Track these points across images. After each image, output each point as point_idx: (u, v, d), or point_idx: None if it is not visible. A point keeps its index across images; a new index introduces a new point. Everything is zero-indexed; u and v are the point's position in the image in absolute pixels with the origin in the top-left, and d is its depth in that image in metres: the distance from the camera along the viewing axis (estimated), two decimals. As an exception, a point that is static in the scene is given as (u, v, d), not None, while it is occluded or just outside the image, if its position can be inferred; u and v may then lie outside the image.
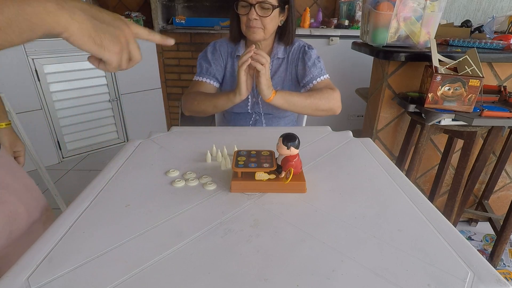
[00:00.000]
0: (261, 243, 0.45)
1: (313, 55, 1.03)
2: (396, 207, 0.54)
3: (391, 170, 0.66)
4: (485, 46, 1.30)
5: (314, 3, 2.74)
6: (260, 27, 0.95)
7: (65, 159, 2.34)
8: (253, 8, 0.92)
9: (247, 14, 0.93)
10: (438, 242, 0.45)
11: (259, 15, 0.93)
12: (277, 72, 1.07)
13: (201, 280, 0.39)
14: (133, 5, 2.77)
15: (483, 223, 1.70)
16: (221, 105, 0.95)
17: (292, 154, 0.56)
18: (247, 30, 0.97)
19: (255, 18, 0.93)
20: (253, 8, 0.92)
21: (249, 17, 0.93)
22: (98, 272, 0.40)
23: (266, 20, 0.94)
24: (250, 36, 0.97)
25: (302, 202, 0.55)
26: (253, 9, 0.92)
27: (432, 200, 1.45)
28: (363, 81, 2.15)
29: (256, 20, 0.93)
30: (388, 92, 1.38)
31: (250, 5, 0.92)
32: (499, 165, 1.50)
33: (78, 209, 0.52)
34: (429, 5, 1.17)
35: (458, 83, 1.07)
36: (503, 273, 1.44)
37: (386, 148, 1.52)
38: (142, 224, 0.48)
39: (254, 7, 0.92)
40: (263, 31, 0.96)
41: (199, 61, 1.08)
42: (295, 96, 0.92)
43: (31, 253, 0.43)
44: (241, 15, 0.95)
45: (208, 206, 0.54)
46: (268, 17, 0.93)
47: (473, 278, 0.39)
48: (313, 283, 0.38)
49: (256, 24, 0.94)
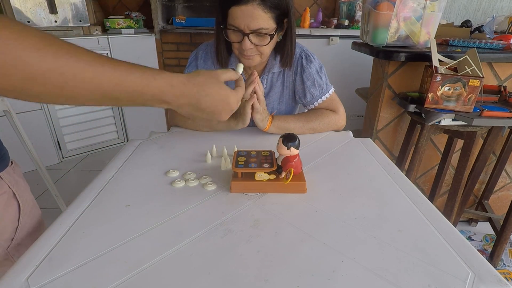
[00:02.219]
0: (261, 244, 0.45)
1: (312, 71, 0.90)
2: (396, 207, 0.54)
3: (391, 170, 0.66)
4: (485, 46, 1.30)
5: (314, 3, 2.74)
6: (256, 54, 0.81)
7: (65, 159, 2.34)
8: (247, 37, 0.76)
9: (239, 42, 0.78)
10: (438, 242, 0.45)
11: (254, 44, 0.78)
12: (273, 88, 0.95)
13: (201, 280, 0.39)
14: (133, 5, 2.77)
15: (483, 223, 1.70)
16: (219, 129, 0.87)
17: (292, 154, 0.56)
18: (241, 57, 0.82)
19: (250, 47, 0.78)
20: (246, 38, 0.76)
21: (243, 47, 0.78)
22: (98, 272, 0.40)
23: (262, 48, 0.80)
24: (245, 63, 0.82)
25: (302, 202, 0.55)
26: (246, 38, 0.76)
27: (432, 200, 1.45)
28: (363, 81, 2.15)
29: (251, 49, 0.79)
30: (388, 92, 1.38)
31: (243, 34, 0.76)
32: (499, 165, 1.50)
33: (78, 209, 0.52)
34: (429, 5, 1.17)
35: (458, 83, 1.07)
36: (503, 273, 1.44)
37: (386, 148, 1.52)
38: (142, 224, 0.48)
39: (247, 36, 0.76)
40: (260, 57, 0.82)
41: (188, 69, 0.94)
42: (292, 122, 0.86)
43: (31, 253, 0.43)
44: (232, 42, 0.80)
45: (208, 206, 0.54)
46: (264, 46, 0.79)
47: (473, 279, 0.39)
48: (313, 284, 0.38)
49: (252, 52, 0.80)
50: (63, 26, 2.16)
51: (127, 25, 2.46)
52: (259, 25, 0.75)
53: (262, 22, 0.74)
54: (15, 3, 1.95)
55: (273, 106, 0.98)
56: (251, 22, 0.74)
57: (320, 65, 0.93)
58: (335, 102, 0.94)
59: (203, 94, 0.51)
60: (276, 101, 0.98)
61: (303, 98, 0.94)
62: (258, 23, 0.74)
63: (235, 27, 0.76)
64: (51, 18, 2.11)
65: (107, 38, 2.26)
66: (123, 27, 2.44)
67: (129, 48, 2.41)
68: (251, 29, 0.75)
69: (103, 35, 2.26)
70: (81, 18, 2.23)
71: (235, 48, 0.82)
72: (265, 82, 0.95)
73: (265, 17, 0.75)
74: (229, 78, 0.58)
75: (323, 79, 0.92)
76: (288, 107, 1.00)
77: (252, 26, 0.74)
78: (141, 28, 2.52)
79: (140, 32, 2.46)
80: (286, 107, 0.99)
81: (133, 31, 2.43)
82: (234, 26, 0.76)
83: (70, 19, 2.19)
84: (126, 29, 2.42)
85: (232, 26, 0.76)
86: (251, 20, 0.74)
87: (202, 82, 0.52)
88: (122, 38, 2.35)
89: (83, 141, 2.42)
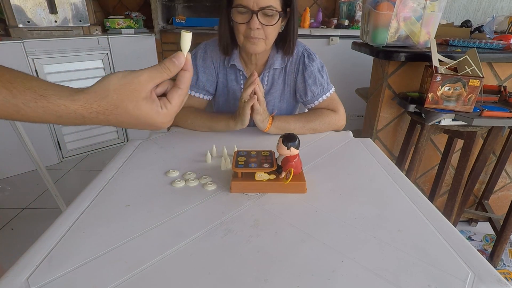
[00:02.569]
0: (261, 243, 0.45)
1: (314, 70, 0.91)
2: (396, 207, 0.54)
3: (391, 170, 0.66)
4: (485, 46, 1.30)
5: (314, 3, 2.74)
6: (262, 38, 0.81)
7: (65, 159, 2.34)
8: (255, 15, 0.76)
9: (247, 23, 0.78)
10: (438, 242, 0.45)
11: (262, 24, 0.78)
12: (274, 85, 0.95)
13: (201, 280, 0.39)
14: (133, 5, 2.77)
15: (483, 223, 1.70)
16: (218, 129, 0.86)
17: (292, 155, 0.56)
18: (246, 41, 0.81)
19: (257, 27, 0.78)
20: (255, 16, 0.76)
21: (251, 26, 0.77)
22: (98, 272, 0.40)
23: (269, 29, 0.79)
24: (249, 49, 0.82)
25: (302, 202, 0.55)
26: (255, 17, 0.76)
27: (432, 200, 1.45)
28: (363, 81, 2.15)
29: (258, 30, 0.79)
30: (388, 92, 1.38)
31: (252, 12, 0.76)
32: (499, 165, 1.50)
33: (78, 209, 0.52)
34: (429, 5, 1.17)
35: (458, 83, 1.06)
36: (503, 273, 1.44)
37: (386, 148, 1.52)
38: (142, 224, 0.48)
39: (256, 14, 0.76)
40: (264, 42, 0.82)
41: None
42: (292, 123, 0.86)
43: (31, 253, 0.43)
44: (239, 23, 0.79)
45: (208, 206, 0.54)
46: (272, 26, 0.79)
47: (473, 279, 0.39)
48: (313, 284, 0.38)
49: (258, 35, 0.79)
50: (63, 26, 2.16)
51: (127, 25, 2.46)
52: (269, 2, 0.76)
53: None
54: (15, 2, 1.95)
55: (274, 103, 0.97)
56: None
57: (321, 64, 0.94)
58: (335, 101, 0.94)
59: (118, 121, 0.39)
60: (277, 99, 0.97)
61: (304, 96, 0.94)
62: (268, 0, 0.76)
63: (243, 6, 0.76)
64: (51, 18, 2.10)
65: (107, 38, 2.26)
66: (123, 27, 2.44)
67: (129, 48, 2.41)
68: (260, 6, 0.76)
69: (103, 35, 2.26)
70: (81, 18, 2.23)
71: (241, 33, 0.81)
72: (266, 79, 0.95)
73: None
74: (162, 77, 0.40)
75: (324, 78, 0.93)
76: (289, 106, 1.00)
77: (261, 3, 0.76)
78: (141, 28, 2.52)
79: (140, 32, 2.46)
80: (287, 106, 0.99)
81: (133, 31, 2.43)
82: (242, 5, 0.76)
83: (70, 19, 2.19)
84: (126, 29, 2.42)
85: (239, 6, 0.77)
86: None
87: (110, 111, 0.38)
88: (122, 38, 2.35)
89: (83, 141, 2.42)
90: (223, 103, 0.99)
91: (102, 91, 0.37)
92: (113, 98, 0.37)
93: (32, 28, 2.04)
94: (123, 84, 0.37)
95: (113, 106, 0.37)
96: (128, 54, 2.40)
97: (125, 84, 0.37)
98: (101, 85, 0.37)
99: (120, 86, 0.37)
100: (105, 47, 2.27)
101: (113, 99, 0.37)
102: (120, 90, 0.37)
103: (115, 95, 0.37)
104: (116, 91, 0.37)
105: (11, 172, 2.09)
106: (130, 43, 2.40)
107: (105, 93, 0.37)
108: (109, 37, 2.27)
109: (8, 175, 2.08)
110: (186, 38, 0.40)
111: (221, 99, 0.99)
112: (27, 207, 1.77)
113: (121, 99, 0.37)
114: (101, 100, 0.37)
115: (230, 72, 0.94)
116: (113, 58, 2.33)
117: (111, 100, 0.37)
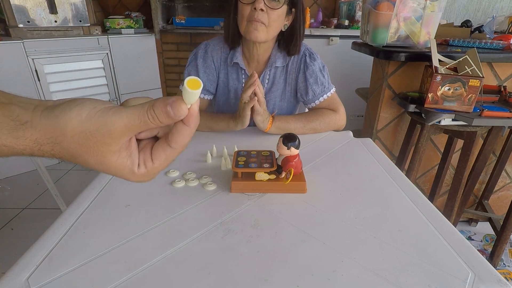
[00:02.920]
0: (261, 243, 0.45)
1: (315, 69, 0.91)
2: (396, 207, 0.54)
3: (391, 170, 0.66)
4: (485, 46, 1.30)
5: (314, 3, 2.74)
6: (264, 23, 0.81)
7: (65, 159, 2.34)
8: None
9: (252, 3, 0.79)
10: (438, 242, 0.45)
11: (267, 6, 0.79)
12: (275, 84, 0.95)
13: (201, 280, 0.39)
14: (133, 5, 2.77)
15: (483, 223, 1.70)
16: (219, 130, 0.87)
17: (292, 155, 0.56)
18: (249, 26, 0.82)
19: (261, 8, 0.78)
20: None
21: (256, 6, 0.78)
22: (98, 272, 0.40)
23: (273, 14, 0.80)
24: (251, 34, 0.82)
25: (302, 202, 0.55)
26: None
27: (432, 200, 1.45)
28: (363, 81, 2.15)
29: (262, 12, 0.79)
30: (388, 92, 1.38)
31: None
32: (499, 165, 1.50)
33: (78, 209, 0.52)
34: (429, 5, 1.17)
35: (458, 83, 1.06)
36: (503, 273, 1.44)
37: (386, 148, 1.52)
38: (142, 224, 0.48)
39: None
40: (266, 30, 0.82)
41: (188, 69, 0.94)
42: (292, 123, 0.86)
43: (31, 253, 0.43)
44: (244, 3, 0.80)
45: (208, 206, 0.54)
46: (276, 12, 0.80)
47: (473, 279, 0.39)
48: (313, 284, 0.38)
49: (261, 17, 0.80)
50: (63, 26, 2.16)
51: (127, 25, 2.46)
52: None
53: None
54: (15, 2, 1.95)
55: (275, 102, 0.98)
56: None
57: (322, 64, 0.94)
58: (335, 101, 0.94)
59: (83, 164, 0.29)
60: (278, 98, 0.98)
61: (305, 95, 0.94)
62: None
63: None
64: (51, 18, 2.10)
65: (107, 38, 2.26)
66: (123, 27, 2.44)
67: (129, 48, 2.41)
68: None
69: (103, 35, 2.26)
70: (81, 18, 2.23)
71: (245, 16, 0.82)
72: (268, 77, 0.95)
73: None
74: (146, 127, 0.26)
75: (325, 77, 0.93)
76: (289, 105, 1.00)
77: None
78: (141, 28, 2.52)
79: (140, 32, 2.47)
80: (288, 105, 1.00)
81: (133, 31, 2.43)
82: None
83: (70, 19, 2.19)
84: (126, 29, 2.42)
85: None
86: None
87: (68, 158, 0.28)
88: (122, 38, 2.35)
89: (83, 141, 2.42)
90: (223, 103, 0.99)
91: (57, 131, 0.25)
92: (70, 146, 0.26)
93: (32, 28, 2.04)
94: (86, 132, 0.25)
95: (70, 155, 0.27)
96: (128, 54, 2.40)
97: (89, 133, 0.25)
98: (56, 122, 0.25)
99: (81, 134, 0.25)
100: (105, 47, 2.27)
101: (70, 148, 0.26)
102: (80, 139, 0.26)
103: (72, 144, 0.26)
104: (74, 138, 0.26)
105: (11, 172, 2.09)
106: (130, 43, 2.40)
107: (59, 136, 0.26)
108: (109, 37, 2.27)
109: (8, 175, 2.08)
110: (193, 86, 0.25)
111: (221, 98, 0.99)
112: (27, 207, 1.77)
113: (79, 151, 0.26)
114: (53, 144, 0.26)
115: (232, 71, 0.94)
116: (113, 58, 2.33)
117: (67, 147, 0.26)
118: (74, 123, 0.25)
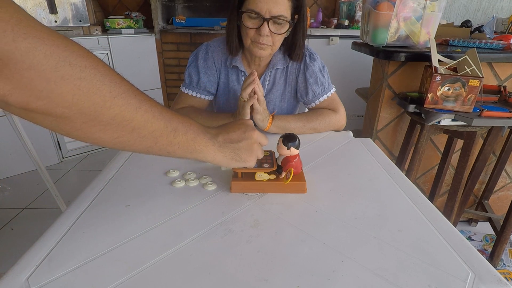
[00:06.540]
0: (261, 244, 0.45)
1: (315, 69, 0.91)
2: (396, 207, 0.54)
3: (391, 170, 0.66)
4: (485, 46, 1.30)
5: (314, 3, 2.74)
6: (269, 44, 0.81)
7: (65, 159, 2.34)
8: (266, 23, 0.77)
9: (257, 29, 0.78)
10: (438, 242, 0.45)
11: (271, 31, 0.79)
12: (276, 84, 0.95)
13: (201, 280, 0.39)
14: (133, 5, 2.77)
15: (483, 223, 1.70)
16: None
17: (293, 155, 0.56)
18: (254, 45, 0.82)
19: (267, 35, 0.78)
20: (266, 23, 0.77)
21: (261, 33, 0.78)
22: (98, 272, 0.40)
23: (277, 36, 0.81)
24: (256, 53, 0.83)
25: (302, 202, 0.55)
26: (265, 24, 0.77)
27: (432, 200, 1.45)
28: (363, 81, 2.15)
29: (267, 37, 0.79)
30: (388, 92, 1.38)
31: (263, 19, 0.76)
32: (499, 165, 1.50)
33: (78, 209, 0.52)
34: (429, 5, 1.17)
35: (457, 83, 1.07)
36: (503, 273, 1.44)
37: (386, 148, 1.52)
38: (142, 224, 0.48)
39: (267, 22, 0.77)
40: (271, 48, 0.83)
41: (189, 70, 0.94)
42: (292, 122, 0.86)
43: (31, 253, 0.43)
44: (248, 28, 0.79)
45: (208, 206, 0.54)
46: (281, 34, 0.81)
47: (473, 279, 0.39)
48: (313, 284, 0.38)
49: (266, 41, 0.80)
50: (63, 26, 2.16)
51: (127, 25, 2.46)
52: (281, 12, 0.76)
53: (283, 9, 0.77)
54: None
55: (275, 103, 0.98)
56: (273, 7, 0.75)
57: (322, 65, 0.95)
58: (335, 101, 0.94)
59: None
60: (278, 98, 0.98)
61: (305, 95, 0.94)
62: (280, 9, 0.76)
63: (255, 12, 0.76)
64: (51, 18, 2.11)
65: (107, 38, 2.26)
66: (123, 27, 2.44)
67: (129, 48, 2.41)
68: (272, 14, 0.76)
69: (103, 35, 2.27)
70: (81, 18, 2.23)
71: (249, 36, 0.81)
72: (268, 79, 0.95)
73: (287, 5, 0.77)
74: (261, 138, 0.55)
75: (325, 77, 0.93)
76: (289, 105, 1.00)
77: (274, 12, 0.76)
78: (141, 28, 2.52)
79: (140, 32, 2.47)
80: (288, 105, 1.00)
81: (133, 31, 2.43)
82: (253, 11, 0.76)
83: (70, 19, 2.19)
84: (126, 29, 2.42)
85: (251, 11, 0.76)
86: (274, 6, 0.75)
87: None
88: (122, 38, 2.35)
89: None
90: (224, 103, 0.99)
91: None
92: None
93: (32, 28, 2.04)
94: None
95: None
96: (128, 54, 2.40)
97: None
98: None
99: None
100: (105, 47, 2.27)
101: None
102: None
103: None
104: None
105: (11, 172, 2.09)
106: (130, 43, 2.40)
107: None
108: (109, 37, 2.27)
109: (8, 175, 2.08)
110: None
111: (222, 99, 0.99)
112: (27, 207, 1.77)
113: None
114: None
115: (232, 73, 0.94)
116: (113, 58, 2.33)
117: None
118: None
